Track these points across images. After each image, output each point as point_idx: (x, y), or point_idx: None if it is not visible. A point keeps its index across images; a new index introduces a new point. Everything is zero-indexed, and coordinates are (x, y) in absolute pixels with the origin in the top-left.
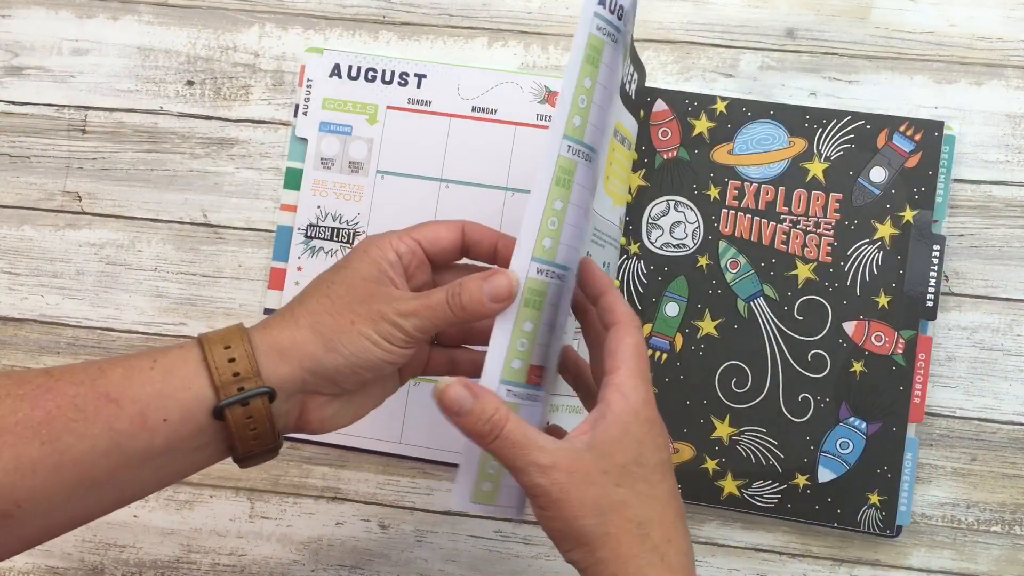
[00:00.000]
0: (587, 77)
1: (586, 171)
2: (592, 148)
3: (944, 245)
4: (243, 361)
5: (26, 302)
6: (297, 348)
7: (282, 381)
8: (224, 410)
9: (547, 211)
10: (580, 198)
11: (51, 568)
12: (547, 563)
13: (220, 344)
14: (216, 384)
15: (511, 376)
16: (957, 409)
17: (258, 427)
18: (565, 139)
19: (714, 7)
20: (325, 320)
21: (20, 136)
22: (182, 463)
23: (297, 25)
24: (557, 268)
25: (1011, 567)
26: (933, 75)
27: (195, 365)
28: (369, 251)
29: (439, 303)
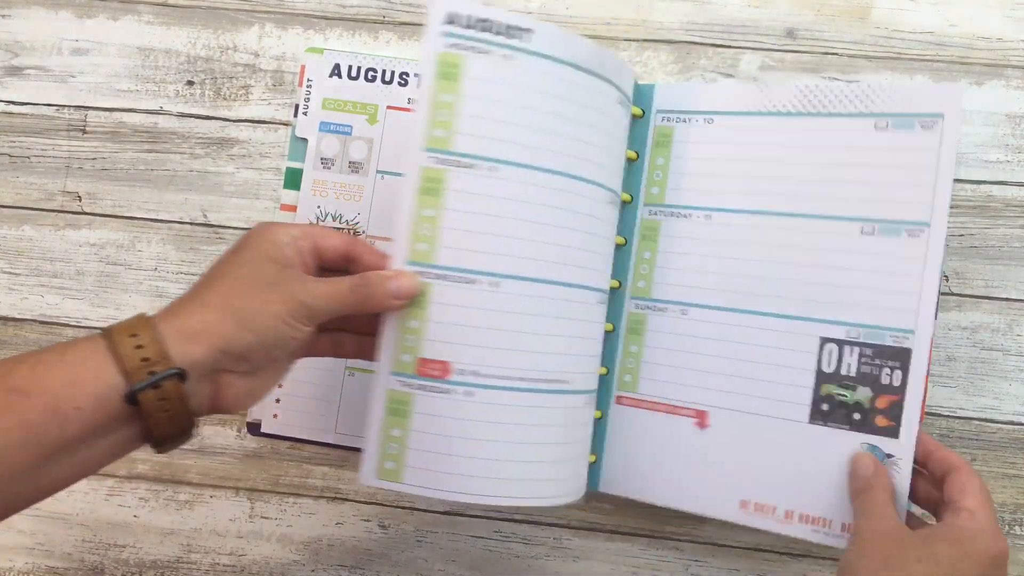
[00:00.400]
0: (446, 92)
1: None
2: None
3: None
4: (151, 346)
5: (26, 302)
6: (208, 329)
7: (193, 362)
8: (137, 394)
9: (416, 219)
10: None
11: (51, 568)
12: (547, 563)
13: (126, 333)
14: (126, 370)
15: (399, 368)
16: (957, 409)
17: (172, 409)
18: (427, 151)
19: (714, 7)
20: (236, 301)
21: (20, 136)
22: (100, 451)
23: (297, 25)
24: (440, 269)
25: (1011, 567)
26: (933, 75)
27: (103, 354)
28: (267, 235)
29: (346, 290)
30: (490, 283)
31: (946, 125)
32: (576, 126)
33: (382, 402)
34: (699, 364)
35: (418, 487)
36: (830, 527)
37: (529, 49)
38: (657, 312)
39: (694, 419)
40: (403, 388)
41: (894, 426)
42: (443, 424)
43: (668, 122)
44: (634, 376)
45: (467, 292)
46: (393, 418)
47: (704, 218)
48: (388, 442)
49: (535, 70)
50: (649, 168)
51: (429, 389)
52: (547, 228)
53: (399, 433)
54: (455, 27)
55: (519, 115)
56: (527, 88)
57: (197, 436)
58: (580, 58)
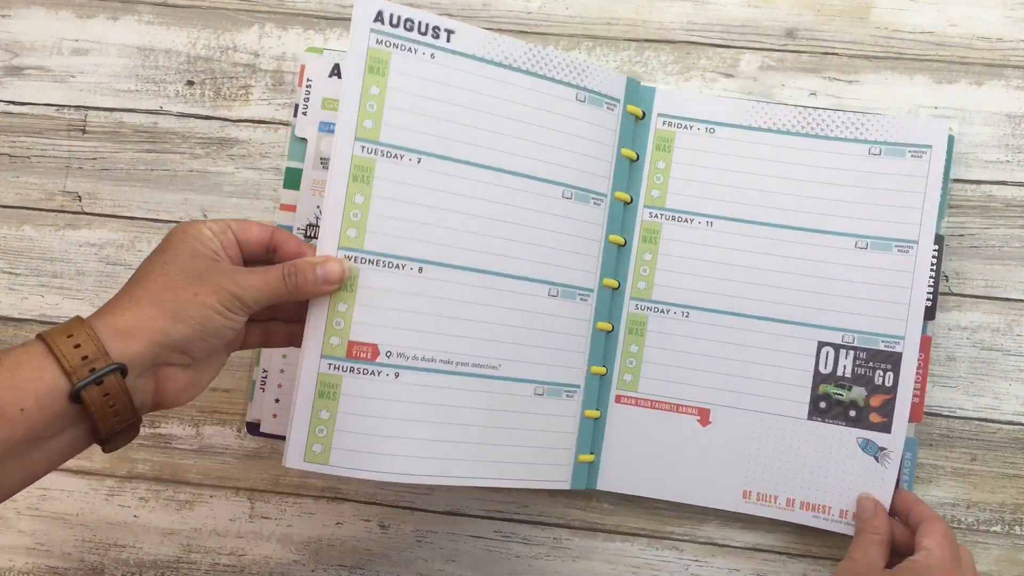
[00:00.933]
0: (374, 85)
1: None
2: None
3: (943, 245)
4: (89, 345)
5: (26, 302)
6: (143, 325)
7: (132, 357)
8: (81, 392)
9: (347, 206)
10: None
11: (51, 568)
12: (547, 563)
13: (62, 334)
14: (66, 370)
15: (329, 351)
16: (957, 409)
17: (116, 403)
18: (357, 140)
19: (714, 7)
20: (167, 295)
21: (20, 136)
22: (47, 453)
23: (297, 25)
24: (368, 254)
25: (1011, 567)
26: (933, 75)
27: (41, 357)
28: (190, 232)
29: (276, 279)
30: (416, 269)
31: (933, 155)
32: (511, 123)
33: (312, 385)
34: (701, 364)
35: (344, 468)
36: (829, 513)
37: (454, 49)
38: (658, 313)
39: (696, 416)
40: (332, 371)
41: (887, 422)
42: (370, 405)
43: (669, 126)
44: (635, 376)
45: (394, 277)
46: (322, 400)
47: (706, 225)
48: (316, 425)
49: (460, 68)
50: (650, 170)
51: (358, 371)
52: (474, 219)
53: (327, 416)
54: (382, 24)
55: (444, 110)
56: (452, 85)
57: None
58: (512, 58)
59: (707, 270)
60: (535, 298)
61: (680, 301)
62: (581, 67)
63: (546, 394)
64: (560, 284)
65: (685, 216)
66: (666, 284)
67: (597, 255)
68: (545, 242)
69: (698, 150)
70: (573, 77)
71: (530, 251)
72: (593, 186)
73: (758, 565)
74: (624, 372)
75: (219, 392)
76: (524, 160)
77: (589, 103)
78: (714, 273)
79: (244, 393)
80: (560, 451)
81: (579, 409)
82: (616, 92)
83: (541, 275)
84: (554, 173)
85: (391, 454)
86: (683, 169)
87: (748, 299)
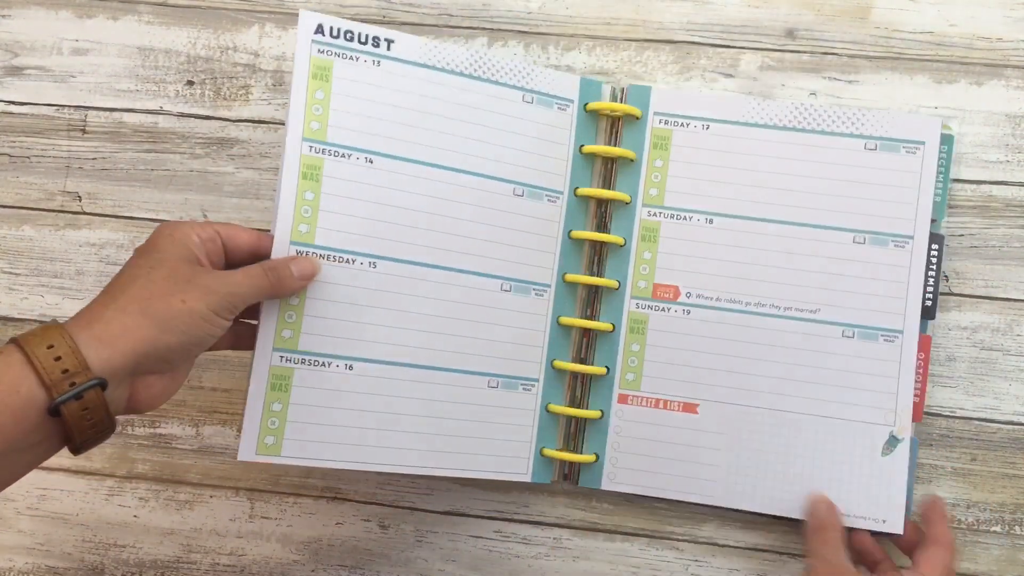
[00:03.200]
0: (319, 90)
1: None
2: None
3: (943, 245)
4: (69, 357)
5: (26, 302)
6: (128, 335)
7: (114, 370)
8: (60, 407)
9: (299, 201)
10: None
11: (51, 568)
12: (547, 563)
13: (42, 344)
14: (46, 383)
15: (281, 344)
16: (957, 409)
17: (94, 417)
18: (304, 140)
19: (714, 7)
20: (155, 304)
21: (20, 136)
22: (19, 462)
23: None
24: (319, 250)
25: (1011, 567)
26: (933, 75)
27: (19, 368)
28: (174, 235)
29: (259, 275)
30: (368, 264)
31: (926, 151)
32: (458, 124)
33: (264, 378)
34: (703, 362)
35: (296, 458)
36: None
37: (394, 56)
38: (659, 312)
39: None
40: (284, 363)
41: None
42: (322, 396)
43: (666, 125)
44: (637, 375)
45: (345, 272)
46: (274, 393)
47: (706, 222)
48: (268, 417)
49: (401, 74)
50: (647, 169)
51: (310, 363)
52: (424, 215)
53: (279, 408)
54: (323, 36)
55: (391, 113)
56: (397, 89)
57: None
58: (455, 63)
59: (707, 267)
60: (487, 292)
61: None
62: (525, 70)
63: (500, 386)
64: (513, 279)
65: (683, 214)
66: (667, 283)
67: (554, 251)
68: (496, 238)
69: (695, 147)
70: (518, 80)
71: (481, 247)
72: (546, 183)
73: (758, 565)
74: (626, 371)
75: (219, 392)
76: (473, 159)
77: (538, 103)
78: (714, 270)
79: (244, 393)
80: (517, 443)
81: (538, 402)
82: (568, 93)
83: (493, 270)
84: (504, 171)
85: (341, 443)
86: (680, 167)
87: (750, 295)
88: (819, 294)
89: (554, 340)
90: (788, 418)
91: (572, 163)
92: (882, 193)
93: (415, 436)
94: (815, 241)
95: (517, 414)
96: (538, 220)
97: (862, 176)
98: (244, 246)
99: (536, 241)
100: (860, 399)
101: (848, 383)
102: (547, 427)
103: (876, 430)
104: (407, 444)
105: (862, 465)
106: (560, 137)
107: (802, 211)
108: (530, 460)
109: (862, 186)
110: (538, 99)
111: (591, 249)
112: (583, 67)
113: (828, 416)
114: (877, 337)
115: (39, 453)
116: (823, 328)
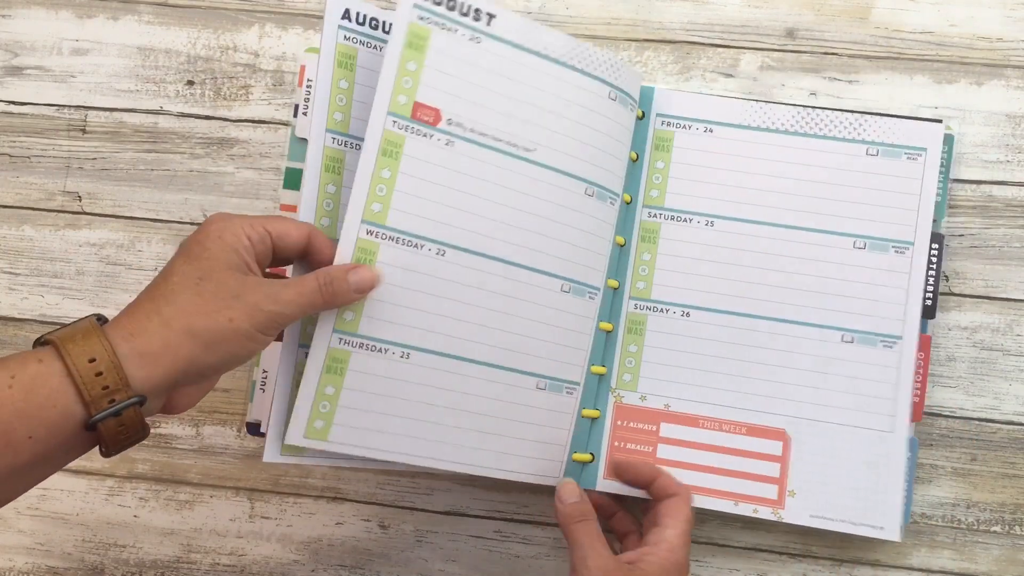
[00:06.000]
0: (411, 61)
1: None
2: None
3: (943, 245)
4: (111, 373)
5: (26, 302)
6: (170, 352)
7: (154, 386)
8: (97, 423)
9: (375, 178)
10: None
11: (51, 568)
12: (547, 563)
13: (84, 356)
14: (86, 400)
15: (342, 326)
16: (957, 409)
17: (130, 431)
18: (390, 115)
19: (714, 7)
20: (200, 321)
21: (20, 136)
22: (49, 469)
23: (297, 25)
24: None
25: (1011, 567)
26: (933, 75)
27: (59, 380)
28: (224, 236)
29: (312, 291)
30: (436, 251)
31: (928, 158)
32: (544, 113)
33: (321, 360)
34: (701, 364)
35: (341, 444)
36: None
37: (492, 33)
38: (658, 313)
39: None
40: (343, 346)
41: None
42: (375, 383)
43: (668, 126)
44: (634, 375)
45: (413, 257)
46: (329, 376)
47: (706, 224)
48: (320, 400)
49: (497, 53)
50: (648, 170)
51: (368, 347)
52: (497, 207)
53: (332, 391)
54: (349, 22)
55: (476, 93)
56: (486, 69)
57: (204, 436)
58: (550, 49)
59: (706, 270)
60: (549, 292)
61: (679, 301)
62: (614, 65)
63: (548, 388)
64: (573, 280)
65: (684, 216)
66: (665, 284)
67: (607, 254)
68: (564, 237)
69: (697, 150)
70: (607, 74)
71: (549, 244)
72: (611, 185)
73: (758, 565)
74: (623, 372)
75: (219, 392)
76: (553, 152)
77: (619, 102)
78: (713, 273)
79: (244, 393)
80: (555, 447)
81: (577, 407)
82: (636, 93)
83: (557, 269)
84: (580, 169)
85: (390, 432)
86: (682, 169)
87: (747, 299)
88: (818, 299)
89: (596, 344)
90: (784, 422)
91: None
92: (883, 199)
93: (460, 432)
94: (815, 246)
95: (558, 417)
96: (600, 222)
97: (863, 182)
98: (294, 244)
99: (596, 243)
100: (857, 404)
101: (846, 388)
102: (581, 431)
103: (873, 436)
104: (452, 440)
105: (858, 471)
106: (626, 138)
107: (803, 216)
108: (563, 464)
109: (863, 191)
110: (620, 97)
111: None
112: None
113: (825, 421)
114: (876, 343)
115: (69, 459)
116: (822, 333)
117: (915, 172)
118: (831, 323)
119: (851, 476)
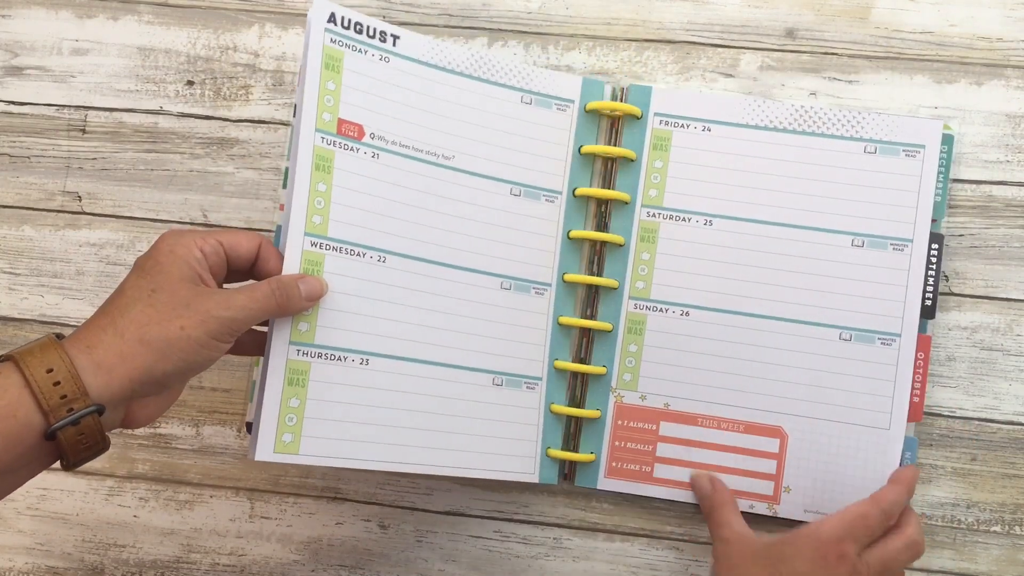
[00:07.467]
0: (330, 80)
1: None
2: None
3: (943, 244)
4: (68, 383)
5: (26, 302)
6: (126, 362)
7: (111, 395)
8: (56, 432)
9: (312, 192)
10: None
11: (51, 568)
12: (547, 563)
13: (41, 367)
14: (44, 409)
15: (298, 337)
16: (957, 409)
17: (90, 440)
18: (317, 131)
19: (714, 7)
20: (153, 330)
21: (20, 136)
22: (11, 481)
23: (297, 25)
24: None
25: (1011, 567)
26: (933, 75)
27: (18, 391)
28: (176, 250)
29: (265, 296)
30: (378, 258)
31: (927, 155)
32: (458, 123)
33: (281, 373)
34: (700, 363)
35: (314, 456)
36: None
37: (400, 53)
38: (658, 312)
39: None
40: (301, 357)
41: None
42: (339, 392)
43: (665, 126)
44: (634, 375)
45: (356, 265)
46: (291, 388)
47: (705, 223)
48: (286, 414)
49: (405, 70)
50: (647, 170)
51: (327, 357)
52: (428, 213)
53: (296, 404)
54: (335, 26)
55: (392, 108)
56: (397, 85)
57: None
58: (456, 64)
59: (705, 269)
60: (487, 290)
61: (679, 300)
62: (525, 71)
63: (504, 385)
64: (512, 277)
65: (683, 215)
66: (665, 283)
67: (553, 250)
68: (496, 237)
69: (695, 149)
70: (517, 81)
71: (479, 244)
72: (544, 184)
73: None
74: (623, 372)
75: (219, 392)
76: (472, 158)
77: (536, 105)
78: (712, 272)
79: (244, 393)
80: (525, 443)
81: (543, 402)
82: (569, 93)
83: (493, 268)
84: (501, 171)
85: (359, 440)
86: (680, 168)
87: (747, 297)
88: (817, 296)
89: (555, 339)
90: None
91: (571, 163)
92: (881, 196)
93: (427, 434)
94: (813, 244)
95: (523, 413)
96: (536, 220)
97: (861, 179)
98: (246, 254)
99: (535, 240)
100: (855, 401)
101: (844, 386)
102: (551, 427)
103: (869, 433)
104: (420, 442)
105: (854, 467)
106: (559, 137)
107: (801, 214)
108: (537, 460)
109: (861, 189)
110: (537, 100)
111: (591, 249)
112: (583, 67)
113: (822, 418)
114: (874, 340)
115: (31, 472)
116: (820, 331)
117: (913, 169)
118: (829, 321)
119: (847, 472)
